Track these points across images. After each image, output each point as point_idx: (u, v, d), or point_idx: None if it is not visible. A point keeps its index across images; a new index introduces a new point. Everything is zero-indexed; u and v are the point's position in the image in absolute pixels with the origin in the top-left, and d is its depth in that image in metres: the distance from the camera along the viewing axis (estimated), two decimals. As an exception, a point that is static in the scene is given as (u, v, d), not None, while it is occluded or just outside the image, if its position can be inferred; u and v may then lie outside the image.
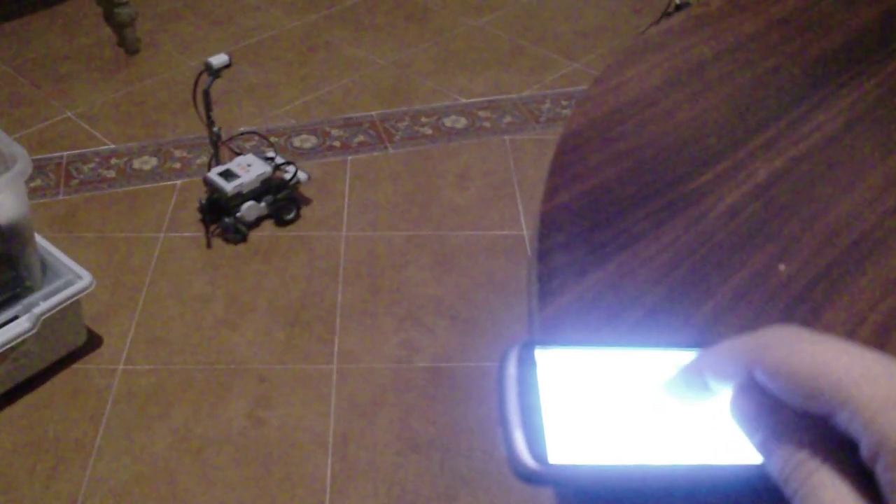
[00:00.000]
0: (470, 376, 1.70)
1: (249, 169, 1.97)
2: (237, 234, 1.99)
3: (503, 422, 0.37)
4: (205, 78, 1.88)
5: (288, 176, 2.02)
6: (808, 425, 0.31)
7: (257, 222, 2.05)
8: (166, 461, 1.54)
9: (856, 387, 0.28)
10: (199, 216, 2.05)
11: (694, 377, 0.35)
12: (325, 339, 1.77)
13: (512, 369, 0.39)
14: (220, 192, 1.94)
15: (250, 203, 1.98)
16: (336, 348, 1.74)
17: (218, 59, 1.84)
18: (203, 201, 2.00)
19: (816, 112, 0.67)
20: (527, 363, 0.39)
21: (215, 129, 1.97)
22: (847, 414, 0.29)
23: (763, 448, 0.32)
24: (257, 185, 1.98)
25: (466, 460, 1.55)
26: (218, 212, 2.00)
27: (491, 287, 1.89)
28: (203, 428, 1.59)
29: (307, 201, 2.11)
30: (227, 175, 1.95)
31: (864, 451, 0.28)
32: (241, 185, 1.94)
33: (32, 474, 1.51)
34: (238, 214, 1.97)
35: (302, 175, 2.05)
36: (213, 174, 1.95)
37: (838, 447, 0.30)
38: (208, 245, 1.99)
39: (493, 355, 1.73)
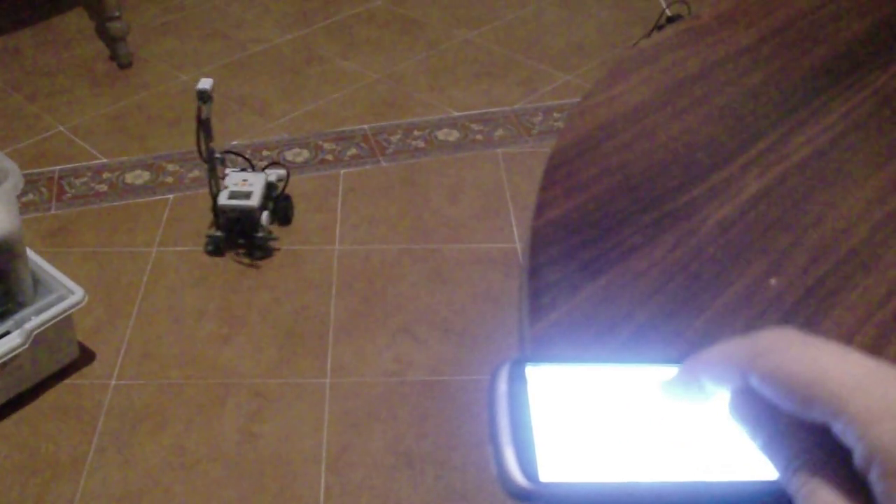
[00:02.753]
0: (463, 390, 1.69)
1: (250, 182, 1.96)
2: (265, 249, 2.00)
3: (494, 439, 0.37)
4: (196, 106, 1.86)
5: (273, 177, 2.03)
6: (805, 431, 0.31)
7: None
8: (159, 477, 1.53)
9: (850, 397, 0.28)
10: (209, 249, 2.01)
11: (690, 379, 0.35)
12: (319, 353, 1.76)
13: (503, 386, 0.39)
14: (247, 211, 1.92)
15: (265, 213, 1.98)
16: (329, 362, 1.74)
17: (206, 83, 1.81)
18: (218, 233, 1.97)
19: (807, 125, 0.67)
20: (518, 380, 0.39)
21: (218, 155, 1.93)
22: (841, 424, 0.28)
23: (766, 449, 0.32)
24: (266, 194, 1.99)
25: (460, 474, 1.54)
26: (241, 233, 1.99)
27: (484, 300, 1.89)
28: (196, 443, 1.59)
29: (300, 214, 2.11)
30: (238, 195, 1.93)
31: (858, 460, 0.28)
32: (258, 198, 1.94)
33: (24, 490, 1.50)
34: (263, 225, 1.97)
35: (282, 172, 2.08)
36: (226, 200, 1.92)
37: (834, 454, 0.30)
38: (252, 263, 1.99)
39: (486, 369, 1.72)
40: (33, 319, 1.56)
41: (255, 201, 1.92)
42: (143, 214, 2.13)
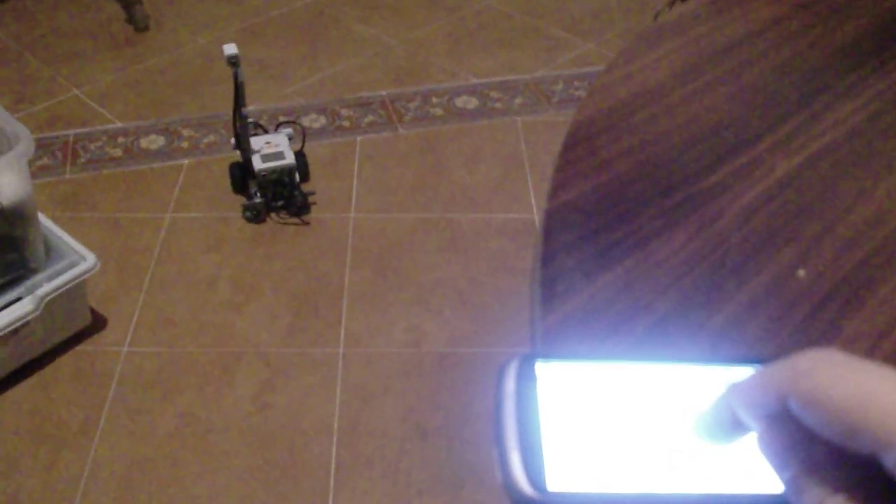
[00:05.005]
0: (478, 363, 1.67)
1: (275, 143, 1.97)
2: (306, 205, 2.02)
3: (499, 443, 0.34)
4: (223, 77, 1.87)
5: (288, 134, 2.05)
6: (847, 464, 0.28)
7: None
8: (170, 445, 1.52)
9: None
10: (248, 216, 1.99)
11: (724, 413, 0.32)
12: (332, 322, 1.75)
13: (510, 385, 0.36)
14: (287, 170, 1.94)
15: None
16: (343, 332, 1.72)
17: (232, 48, 1.78)
18: (258, 199, 1.96)
19: (839, 104, 0.64)
20: (526, 378, 0.37)
21: (251, 120, 1.93)
22: (894, 456, 0.25)
23: (793, 486, 0.29)
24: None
25: (473, 448, 1.53)
26: (278, 195, 1.98)
27: (501, 271, 1.87)
28: (207, 412, 1.58)
29: (315, 182, 2.09)
30: (272, 157, 1.94)
31: None
32: (291, 155, 1.95)
33: (35, 457, 1.50)
34: (297, 182, 1.98)
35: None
36: (263, 162, 1.93)
37: (879, 491, 0.27)
38: (301, 221, 1.99)
39: (502, 341, 1.70)
40: (45, 286, 1.55)
41: (290, 159, 1.93)
42: (158, 180, 2.11)
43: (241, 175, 2.02)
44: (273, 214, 2.01)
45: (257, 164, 1.92)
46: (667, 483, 0.34)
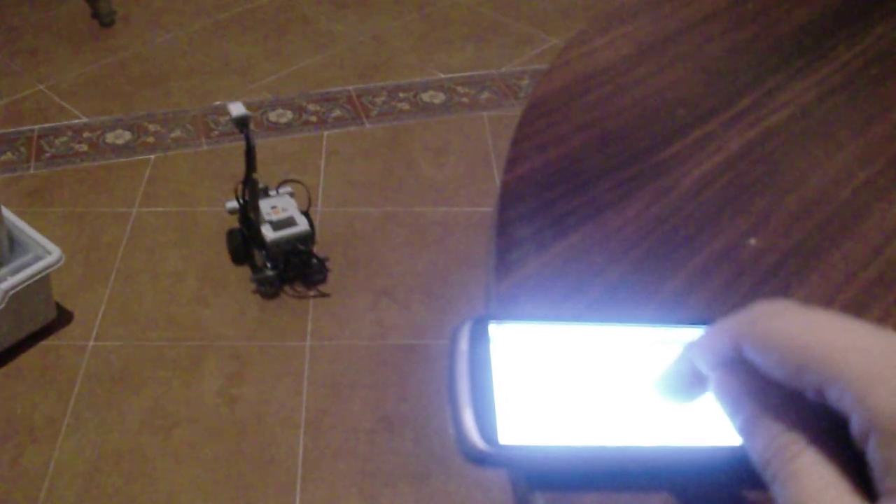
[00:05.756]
0: (444, 354, 1.68)
1: (282, 207, 1.78)
2: (323, 271, 1.85)
3: (452, 400, 0.35)
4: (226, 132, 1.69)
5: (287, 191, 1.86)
6: (796, 406, 0.29)
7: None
8: (137, 439, 1.52)
9: (847, 359, 0.26)
10: (263, 291, 1.81)
11: (685, 369, 0.33)
12: (299, 315, 1.74)
13: (464, 345, 0.37)
14: (303, 237, 1.75)
15: None
16: (309, 325, 1.72)
17: (239, 108, 1.59)
18: (270, 272, 1.77)
19: (791, 83, 0.65)
20: (480, 339, 0.37)
21: (261, 185, 1.76)
22: (837, 389, 0.26)
23: (745, 429, 0.30)
24: None
25: (440, 438, 1.53)
26: (292, 265, 1.79)
27: (466, 264, 1.88)
28: (174, 405, 1.57)
29: (283, 175, 2.08)
30: (283, 224, 1.74)
31: (855, 428, 0.26)
32: (304, 220, 1.76)
33: (0, 452, 1.48)
34: (312, 249, 1.80)
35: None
36: (275, 231, 1.72)
37: (825, 430, 0.28)
38: (319, 293, 1.81)
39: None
40: (9, 280, 1.54)
41: (304, 225, 1.75)
42: (124, 174, 2.10)
43: (244, 243, 1.84)
44: (288, 287, 1.83)
45: (268, 233, 1.72)
46: (615, 436, 0.35)
